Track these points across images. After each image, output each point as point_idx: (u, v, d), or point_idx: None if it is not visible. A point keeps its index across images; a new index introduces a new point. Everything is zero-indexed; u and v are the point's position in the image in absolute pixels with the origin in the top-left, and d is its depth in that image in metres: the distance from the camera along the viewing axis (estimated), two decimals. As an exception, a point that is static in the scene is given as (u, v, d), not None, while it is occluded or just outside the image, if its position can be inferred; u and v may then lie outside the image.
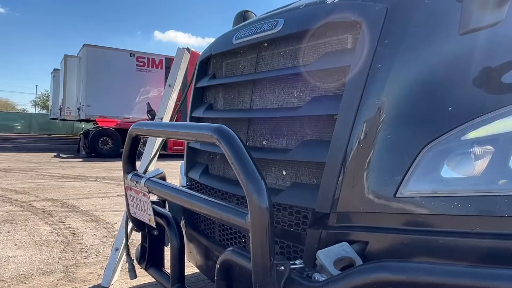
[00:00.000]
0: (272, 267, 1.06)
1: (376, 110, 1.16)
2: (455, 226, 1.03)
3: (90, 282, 3.00)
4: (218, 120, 1.86)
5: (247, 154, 1.11)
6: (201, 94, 2.12)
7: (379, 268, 0.97)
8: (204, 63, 2.13)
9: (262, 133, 1.60)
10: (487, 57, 1.13)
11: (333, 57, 1.34)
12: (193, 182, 2.05)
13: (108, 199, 6.38)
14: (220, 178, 1.82)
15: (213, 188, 1.81)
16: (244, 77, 1.73)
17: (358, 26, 1.25)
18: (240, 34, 1.74)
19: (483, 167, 1.03)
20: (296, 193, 1.36)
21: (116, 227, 4.57)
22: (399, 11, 1.21)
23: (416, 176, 1.08)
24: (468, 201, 1.01)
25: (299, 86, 1.47)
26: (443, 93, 1.12)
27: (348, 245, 1.11)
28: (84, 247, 3.83)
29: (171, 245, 1.67)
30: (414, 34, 1.19)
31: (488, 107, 1.05)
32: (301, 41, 1.46)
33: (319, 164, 1.29)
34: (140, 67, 15.97)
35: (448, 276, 0.90)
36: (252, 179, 1.07)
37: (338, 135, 1.21)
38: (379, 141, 1.14)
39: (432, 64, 1.15)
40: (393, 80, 1.16)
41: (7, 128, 32.77)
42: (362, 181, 1.15)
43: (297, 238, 1.34)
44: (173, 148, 13.74)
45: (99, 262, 3.43)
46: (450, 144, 1.07)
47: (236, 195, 1.62)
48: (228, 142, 1.14)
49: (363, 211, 1.15)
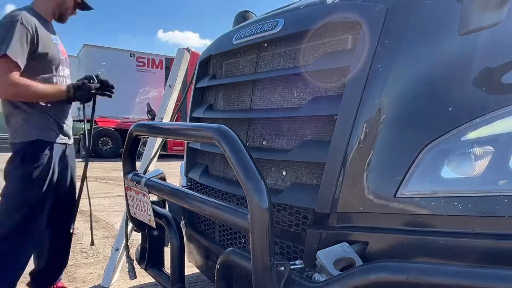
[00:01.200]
0: (272, 267, 1.06)
1: (376, 111, 1.16)
2: (455, 226, 1.03)
3: (90, 282, 3.00)
4: (218, 120, 1.86)
5: (247, 154, 1.11)
6: (201, 95, 2.12)
7: (379, 268, 0.97)
8: (204, 64, 2.13)
9: (262, 134, 1.60)
10: (487, 57, 1.13)
11: (333, 57, 1.34)
12: (193, 183, 2.05)
13: (108, 199, 6.38)
14: (220, 179, 1.82)
15: (213, 189, 1.81)
16: (244, 78, 1.73)
17: (358, 27, 1.25)
18: (240, 34, 1.74)
19: (483, 168, 1.03)
20: (296, 193, 1.36)
21: (116, 228, 4.57)
22: (399, 12, 1.21)
23: (416, 177, 1.08)
24: (468, 201, 1.01)
25: (299, 87, 1.47)
26: (443, 94, 1.12)
27: (348, 246, 1.11)
28: (84, 247, 3.83)
29: (171, 246, 1.67)
30: (414, 35, 1.19)
31: (488, 107, 1.05)
32: (301, 42, 1.46)
33: (319, 164, 1.29)
34: (140, 67, 15.96)
35: (448, 276, 0.90)
36: (252, 179, 1.07)
37: (338, 135, 1.21)
38: (379, 141, 1.14)
39: (432, 65, 1.16)
40: (393, 81, 1.16)
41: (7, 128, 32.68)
42: (362, 182, 1.15)
43: (297, 239, 1.34)
44: (173, 148, 13.74)
45: (99, 263, 3.43)
46: (450, 144, 1.07)
47: (236, 195, 1.62)
48: (228, 142, 1.14)
49: (363, 212, 1.15)
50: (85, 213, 5.34)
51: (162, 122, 2.53)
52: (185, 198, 1.52)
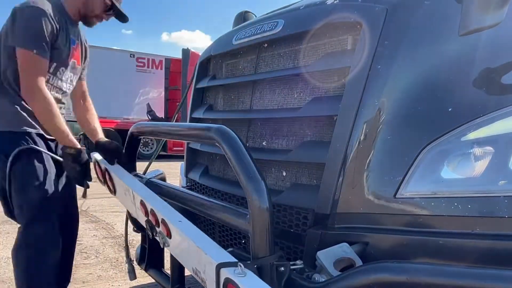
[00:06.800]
0: (272, 268, 1.06)
1: (376, 111, 1.16)
2: (455, 227, 1.03)
3: (90, 283, 3.00)
4: (218, 121, 1.86)
5: (248, 155, 1.11)
6: (201, 95, 2.12)
7: (379, 269, 0.97)
8: (204, 64, 2.13)
9: (262, 134, 1.60)
10: (487, 58, 1.13)
11: (333, 58, 1.34)
12: (193, 183, 2.05)
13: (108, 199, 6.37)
14: (220, 179, 1.81)
15: (213, 189, 1.81)
16: (244, 78, 1.73)
17: (358, 27, 1.25)
18: (240, 35, 1.74)
19: (483, 168, 1.03)
20: (296, 194, 1.36)
21: (116, 228, 4.57)
22: (399, 12, 1.21)
23: (416, 177, 1.08)
24: (468, 202, 1.01)
25: (299, 87, 1.47)
26: (443, 94, 1.12)
27: (348, 246, 1.11)
28: (84, 248, 3.82)
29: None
30: (414, 35, 1.19)
31: (488, 108, 1.05)
32: (301, 42, 1.46)
33: (319, 165, 1.29)
34: (140, 67, 15.93)
35: (448, 277, 0.90)
36: (252, 180, 1.07)
37: (338, 136, 1.21)
38: (379, 142, 1.14)
39: (432, 65, 1.16)
40: (393, 81, 1.16)
41: (7, 129, 32.66)
42: (362, 182, 1.15)
43: (297, 239, 1.34)
44: (173, 149, 13.72)
45: (99, 263, 3.42)
46: (450, 145, 1.07)
47: (236, 195, 1.62)
48: (228, 143, 1.14)
49: (363, 212, 1.15)
50: (85, 213, 5.36)
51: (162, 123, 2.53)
52: (185, 198, 1.52)
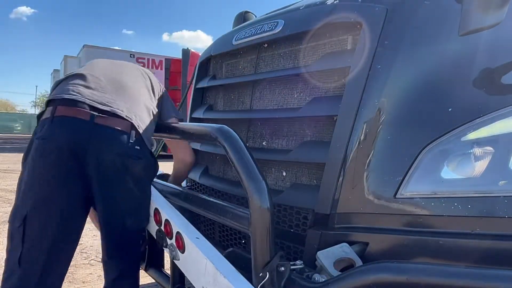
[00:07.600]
0: (273, 268, 1.06)
1: (376, 111, 1.16)
2: (455, 227, 1.03)
3: (90, 283, 3.00)
4: (218, 121, 1.86)
5: (249, 155, 1.11)
6: (201, 95, 2.13)
7: (379, 269, 0.97)
8: (204, 64, 2.13)
9: (262, 134, 1.60)
10: (487, 58, 1.13)
11: (333, 58, 1.34)
12: (193, 183, 2.05)
13: (108, 200, 6.37)
14: (220, 179, 1.81)
15: (213, 189, 1.81)
16: (244, 78, 1.73)
17: (358, 27, 1.25)
18: (240, 35, 1.74)
19: (483, 168, 1.03)
20: (296, 194, 1.36)
21: (116, 228, 4.56)
22: (399, 12, 1.21)
23: (416, 177, 1.08)
24: (468, 202, 1.02)
25: (299, 87, 1.47)
26: (443, 94, 1.12)
27: (348, 246, 1.11)
28: (84, 248, 3.82)
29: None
30: (414, 35, 1.19)
31: (488, 108, 1.05)
32: (301, 42, 1.46)
33: (319, 165, 1.29)
34: (140, 68, 15.94)
35: (448, 277, 0.90)
36: (253, 179, 1.07)
37: (338, 136, 1.21)
38: (379, 142, 1.14)
39: (432, 65, 1.16)
40: (393, 81, 1.16)
41: (7, 129, 32.78)
42: (362, 182, 1.15)
43: (297, 239, 1.34)
44: (173, 149, 13.69)
45: (99, 263, 3.42)
46: (450, 145, 1.07)
47: (236, 195, 1.62)
48: (229, 143, 1.14)
49: (363, 212, 1.15)
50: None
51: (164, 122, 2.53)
52: (185, 198, 1.52)
